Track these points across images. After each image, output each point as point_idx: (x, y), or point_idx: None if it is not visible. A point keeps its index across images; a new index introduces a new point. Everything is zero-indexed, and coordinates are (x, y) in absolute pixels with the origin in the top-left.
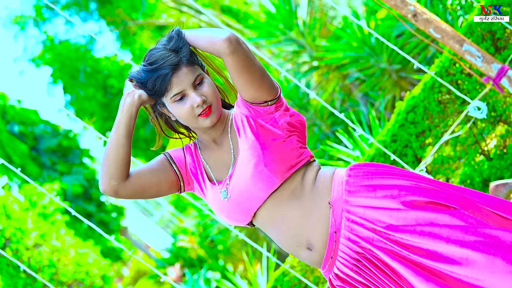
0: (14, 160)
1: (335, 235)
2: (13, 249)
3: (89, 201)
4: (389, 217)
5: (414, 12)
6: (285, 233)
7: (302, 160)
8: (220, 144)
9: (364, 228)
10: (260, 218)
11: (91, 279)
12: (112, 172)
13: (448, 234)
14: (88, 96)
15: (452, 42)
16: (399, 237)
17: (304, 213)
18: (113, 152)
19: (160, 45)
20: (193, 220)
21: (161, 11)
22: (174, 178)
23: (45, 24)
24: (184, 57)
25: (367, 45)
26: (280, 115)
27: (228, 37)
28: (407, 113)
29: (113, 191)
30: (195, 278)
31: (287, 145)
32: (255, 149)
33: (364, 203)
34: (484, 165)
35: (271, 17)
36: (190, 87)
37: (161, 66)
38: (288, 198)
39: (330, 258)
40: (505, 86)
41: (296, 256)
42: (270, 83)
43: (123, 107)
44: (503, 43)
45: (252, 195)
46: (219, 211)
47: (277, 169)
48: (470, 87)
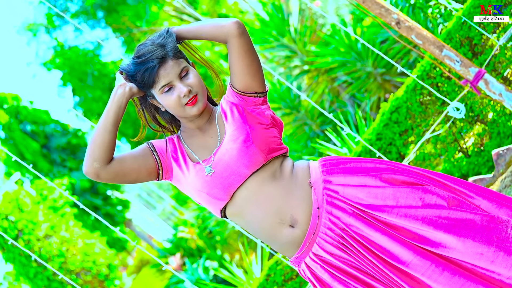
0: (26, 157)
1: (318, 211)
2: (25, 240)
3: (96, 195)
4: (368, 194)
5: (397, 20)
6: (268, 210)
7: (282, 148)
8: (205, 131)
9: (345, 204)
10: (239, 199)
11: (97, 268)
12: (96, 155)
13: (423, 215)
14: (96, 97)
15: (432, 47)
16: (378, 215)
17: (286, 192)
18: (99, 137)
19: (149, 41)
20: (193, 212)
21: (163, 19)
22: (153, 166)
23: (56, 31)
24: (170, 51)
25: (354, 50)
26: (265, 108)
27: (237, 20)
28: (391, 113)
29: (95, 173)
30: (194, 267)
31: (270, 132)
32: (243, 128)
33: (343, 182)
34: (463, 161)
35: (265, 25)
36: (177, 79)
37: (148, 59)
38: (269, 179)
39: (313, 234)
40: (482, 88)
41: (273, 239)
42: (263, 77)
43: (114, 97)
44: (480, 48)
45: (236, 170)
46: (200, 189)
47: (262, 148)
48: (449, 89)
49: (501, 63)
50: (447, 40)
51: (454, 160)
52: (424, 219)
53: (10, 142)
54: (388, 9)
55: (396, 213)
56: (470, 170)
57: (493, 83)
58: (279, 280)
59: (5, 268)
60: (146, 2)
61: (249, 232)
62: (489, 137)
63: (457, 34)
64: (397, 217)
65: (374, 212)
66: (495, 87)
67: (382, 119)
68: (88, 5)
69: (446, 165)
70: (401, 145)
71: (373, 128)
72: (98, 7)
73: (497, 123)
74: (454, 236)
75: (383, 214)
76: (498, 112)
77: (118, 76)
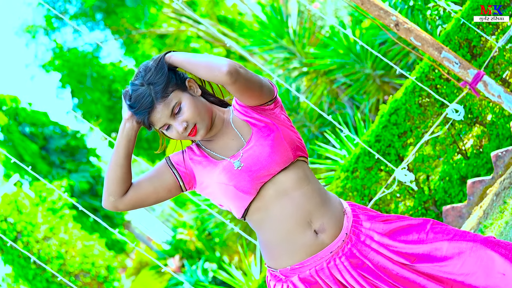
0: (25, 158)
1: (345, 236)
2: (24, 242)
3: (95, 197)
4: (394, 232)
5: (396, 22)
6: (301, 207)
7: (304, 150)
8: (224, 134)
9: (371, 240)
10: (267, 194)
11: (96, 270)
12: (111, 190)
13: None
14: (94, 99)
15: (431, 49)
16: (402, 247)
17: (322, 200)
18: (112, 172)
19: (138, 81)
20: (192, 214)
21: (162, 21)
22: (171, 181)
23: (55, 33)
24: (156, 93)
25: (353, 52)
26: (279, 112)
27: (229, 70)
28: (390, 115)
29: (113, 207)
30: (193, 269)
31: (293, 131)
32: (272, 125)
33: (371, 223)
34: (462, 163)
35: (263, 27)
36: (170, 119)
37: (138, 111)
38: (304, 178)
39: (330, 253)
40: (481, 90)
41: (290, 237)
42: (268, 88)
43: (123, 132)
44: (478, 50)
45: (267, 165)
46: (227, 182)
47: (291, 145)
48: (448, 91)
49: (500, 65)
50: (446, 42)
51: (453, 162)
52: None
53: (9, 143)
54: (387, 11)
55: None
56: (469, 172)
57: (492, 85)
58: None
59: (4, 270)
60: (145, 4)
61: (261, 227)
62: (488, 139)
63: (456, 36)
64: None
65: (399, 245)
66: (494, 89)
67: (381, 121)
68: (87, 7)
69: (445, 167)
70: (400, 147)
71: (372, 130)
72: (97, 9)
73: (496, 125)
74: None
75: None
76: (497, 114)
77: (124, 107)
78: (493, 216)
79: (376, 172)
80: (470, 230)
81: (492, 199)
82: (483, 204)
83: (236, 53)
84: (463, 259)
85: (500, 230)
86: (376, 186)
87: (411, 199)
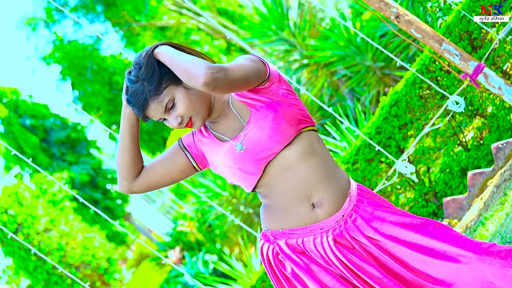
0: (26, 151)
1: (341, 218)
2: (24, 234)
3: (95, 189)
4: (395, 220)
5: (397, 14)
6: (303, 181)
7: (309, 119)
8: (225, 116)
9: (367, 225)
10: (271, 171)
11: (97, 261)
12: (123, 174)
13: (433, 263)
14: (95, 91)
15: (432, 41)
16: (390, 247)
17: (327, 176)
18: (121, 156)
19: (133, 77)
20: (192, 206)
21: (162, 13)
22: (184, 163)
23: (55, 25)
24: (149, 91)
25: (353, 44)
26: (277, 87)
27: (205, 81)
28: (390, 107)
29: (128, 190)
30: (194, 261)
31: (292, 106)
32: (270, 105)
33: (373, 208)
34: (462, 155)
35: (264, 19)
36: (164, 114)
37: (134, 106)
38: (306, 153)
39: (320, 229)
40: (481, 82)
41: (289, 205)
42: (256, 75)
43: (124, 117)
44: (479, 42)
45: (268, 146)
46: (231, 165)
47: (292, 122)
48: (449, 83)
49: (501, 57)
50: (446, 34)
51: (453, 154)
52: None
53: (10, 136)
54: (388, 3)
55: (411, 255)
56: (469, 164)
57: (493, 77)
58: None
59: (5, 262)
60: None
61: (266, 192)
62: (489, 131)
63: (457, 28)
64: (413, 255)
65: (388, 242)
66: (494, 81)
67: (382, 113)
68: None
69: (446, 159)
70: (401, 138)
71: (372, 122)
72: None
73: (497, 116)
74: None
75: (397, 247)
76: (498, 106)
77: (124, 96)
78: (494, 208)
79: (376, 164)
80: (471, 222)
81: (492, 191)
82: (483, 196)
83: (237, 45)
84: (456, 268)
85: (501, 222)
86: (376, 178)
87: (411, 191)
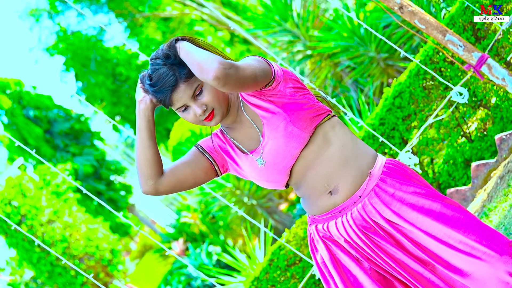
0: (29, 142)
1: (358, 199)
2: (28, 225)
3: (99, 180)
4: (415, 204)
5: (400, 4)
6: (320, 172)
7: (321, 113)
8: (241, 122)
9: (386, 206)
10: (297, 168)
11: (100, 253)
12: (146, 173)
13: (455, 247)
14: (98, 83)
15: (435, 32)
16: (408, 231)
17: (344, 161)
18: (141, 155)
19: (160, 61)
20: (196, 198)
21: (166, 4)
22: (207, 165)
23: (59, 16)
24: (180, 74)
25: (357, 35)
26: (284, 87)
27: (216, 75)
28: (394, 98)
29: (153, 190)
30: (197, 252)
31: (302, 104)
32: (279, 114)
33: (397, 187)
34: (466, 146)
35: (267, 10)
36: (190, 100)
37: (161, 89)
38: (323, 143)
39: (339, 212)
40: (485, 73)
41: (311, 195)
42: (263, 75)
43: (139, 113)
44: (483, 33)
45: (287, 154)
46: (258, 178)
47: (303, 125)
48: (452, 74)
49: (504, 48)
50: (450, 25)
51: (457, 145)
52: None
53: (13, 127)
54: None
55: (428, 237)
56: (473, 155)
57: (496, 67)
58: (282, 265)
59: (8, 253)
60: None
61: (297, 189)
62: (492, 122)
63: (460, 19)
64: (429, 240)
65: (405, 224)
66: (498, 72)
67: (385, 104)
68: None
69: (449, 150)
70: (404, 130)
71: (376, 113)
72: None
73: (500, 107)
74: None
75: (414, 232)
76: (501, 97)
77: (138, 90)
78: (497, 199)
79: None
80: (474, 213)
81: (496, 182)
82: (487, 187)
83: (240, 36)
84: (474, 262)
85: (504, 213)
86: None
87: None
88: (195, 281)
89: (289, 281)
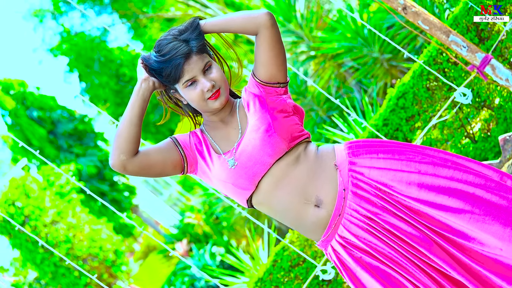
0: (33, 143)
1: (344, 192)
2: (32, 226)
3: (103, 181)
4: (393, 177)
5: (404, 5)
6: (293, 191)
7: (304, 134)
8: (228, 123)
9: (371, 187)
10: (264, 186)
11: (104, 254)
12: (122, 148)
13: (448, 204)
14: (102, 83)
15: (439, 33)
16: (402, 199)
17: (311, 174)
18: (126, 130)
19: (170, 36)
20: (200, 198)
21: (170, 4)
22: (178, 159)
23: (62, 17)
24: (194, 46)
25: (361, 36)
26: (287, 97)
27: (268, 11)
28: (397, 99)
29: (122, 165)
30: (201, 253)
31: (292, 120)
32: (264, 118)
33: (368, 164)
34: (470, 147)
35: (271, 10)
36: (200, 73)
37: (174, 57)
38: (293, 162)
39: (338, 215)
40: (489, 73)
41: (299, 221)
42: (286, 68)
43: (139, 91)
44: (486, 34)
45: (260, 160)
46: (225, 180)
47: (284, 136)
48: (456, 74)
49: (508, 49)
50: (453, 25)
51: (460, 145)
52: (448, 208)
53: (17, 128)
54: None
55: (422, 201)
56: (476, 156)
57: (500, 68)
58: (286, 266)
59: (12, 254)
60: None
61: (276, 219)
62: (496, 123)
63: (464, 20)
64: (420, 204)
65: (399, 196)
66: (502, 73)
67: (389, 105)
68: None
69: (453, 151)
70: (408, 130)
71: (379, 114)
72: None
73: (504, 108)
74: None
75: (407, 199)
76: (505, 97)
77: (140, 69)
78: None
79: None
80: None
81: None
82: None
83: (244, 37)
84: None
85: None
86: None
87: None
88: (198, 282)
89: (292, 282)
